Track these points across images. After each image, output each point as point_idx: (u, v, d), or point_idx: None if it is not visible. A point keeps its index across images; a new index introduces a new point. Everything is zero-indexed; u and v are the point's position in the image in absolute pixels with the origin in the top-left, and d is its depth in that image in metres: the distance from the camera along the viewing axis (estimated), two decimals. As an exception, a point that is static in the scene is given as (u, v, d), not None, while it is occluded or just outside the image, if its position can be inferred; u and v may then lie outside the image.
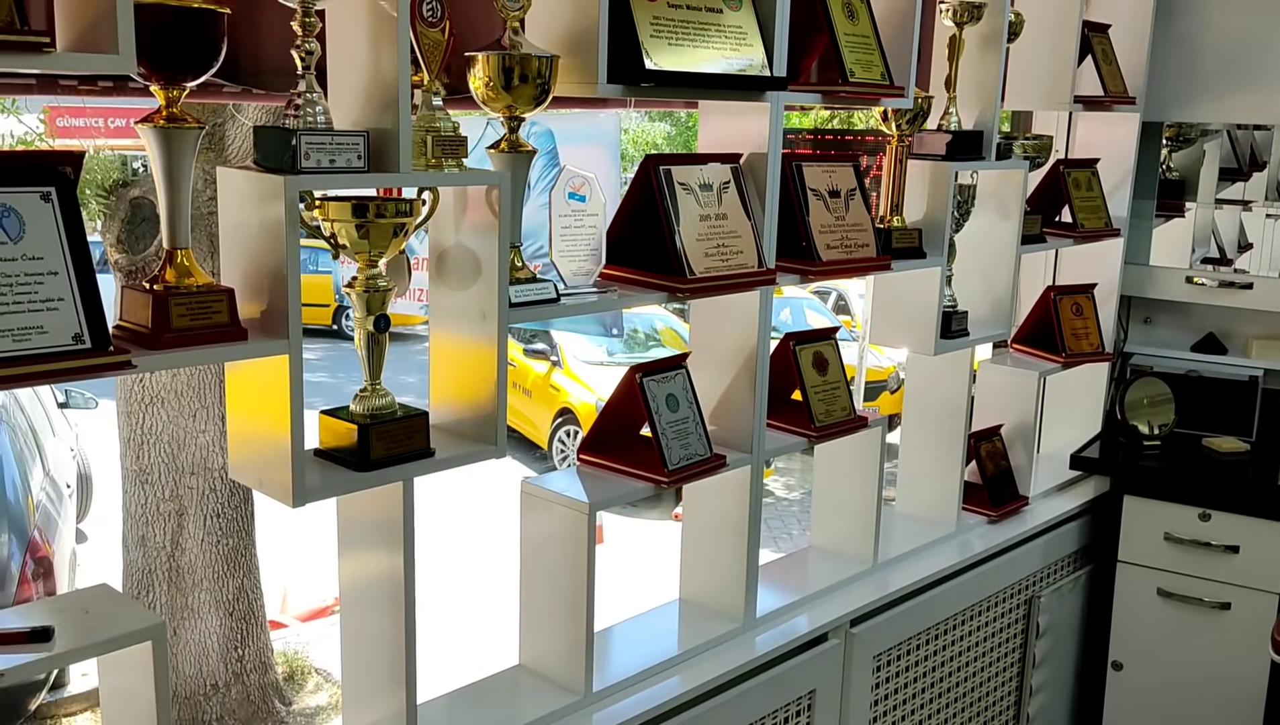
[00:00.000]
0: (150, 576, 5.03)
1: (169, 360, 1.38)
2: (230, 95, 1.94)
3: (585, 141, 6.23)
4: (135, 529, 5.03)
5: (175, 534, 4.99)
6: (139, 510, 4.99)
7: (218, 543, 5.02)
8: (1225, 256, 3.73)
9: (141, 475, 4.94)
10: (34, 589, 4.86)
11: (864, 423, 2.41)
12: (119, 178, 4.61)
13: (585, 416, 9.45)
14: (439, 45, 1.64)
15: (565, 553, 1.93)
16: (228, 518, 4.97)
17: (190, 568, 5.02)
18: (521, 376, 10.25)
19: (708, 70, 1.91)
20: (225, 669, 5.15)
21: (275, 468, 1.53)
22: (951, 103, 2.59)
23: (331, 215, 1.56)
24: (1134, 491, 3.03)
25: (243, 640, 5.18)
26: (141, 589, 5.05)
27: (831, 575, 2.49)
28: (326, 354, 13.20)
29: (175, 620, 5.06)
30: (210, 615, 5.09)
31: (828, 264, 2.23)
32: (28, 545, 4.91)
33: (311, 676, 5.89)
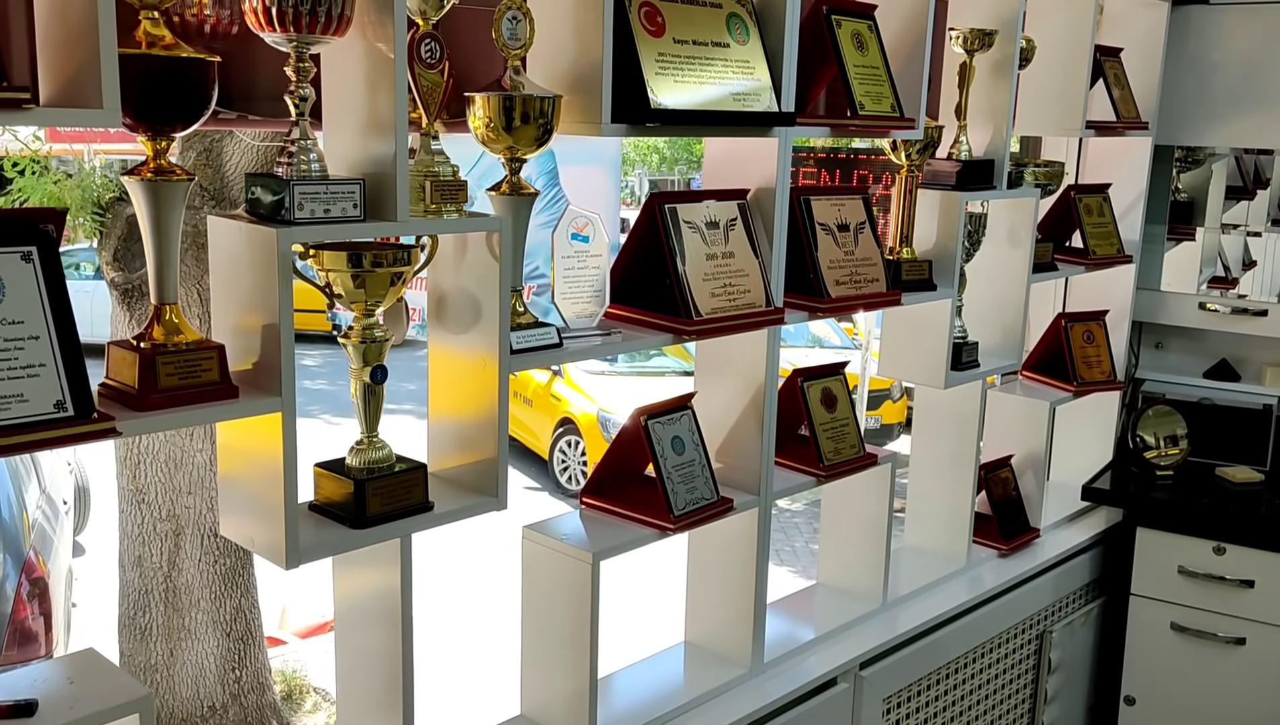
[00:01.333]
0: (147, 597, 4.97)
1: (156, 423, 1.32)
2: (223, 122, 1.88)
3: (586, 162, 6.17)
4: (132, 549, 4.97)
5: (172, 554, 4.93)
6: (135, 530, 4.93)
7: (215, 562, 4.96)
8: (1230, 275, 3.69)
9: (138, 495, 4.88)
10: (28, 610, 4.80)
11: (873, 460, 2.36)
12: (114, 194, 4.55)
13: (586, 426, 9.39)
14: (437, 87, 1.59)
15: (568, 602, 1.88)
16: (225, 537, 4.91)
17: (187, 588, 4.96)
18: (522, 385, 10.18)
19: (714, 108, 1.86)
20: (223, 690, 5.09)
21: (268, 527, 1.48)
22: (962, 131, 2.54)
23: (326, 265, 1.51)
24: (1147, 524, 2.97)
25: (240, 661, 5.12)
26: (138, 609, 4.99)
27: (840, 615, 2.43)
28: (327, 361, 13.14)
29: (172, 641, 5.00)
30: (207, 636, 5.02)
31: (837, 301, 2.17)
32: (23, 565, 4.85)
33: (310, 695, 5.83)
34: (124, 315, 4.73)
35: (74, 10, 1.22)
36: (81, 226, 4.62)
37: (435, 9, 1.56)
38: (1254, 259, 3.65)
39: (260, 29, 1.38)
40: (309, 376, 12.46)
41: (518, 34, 1.67)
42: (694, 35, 1.85)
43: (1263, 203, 3.59)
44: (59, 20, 1.24)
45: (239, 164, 4.52)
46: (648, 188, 25.95)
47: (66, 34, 1.23)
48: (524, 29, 1.67)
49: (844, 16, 2.14)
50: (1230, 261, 3.73)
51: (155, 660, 5.03)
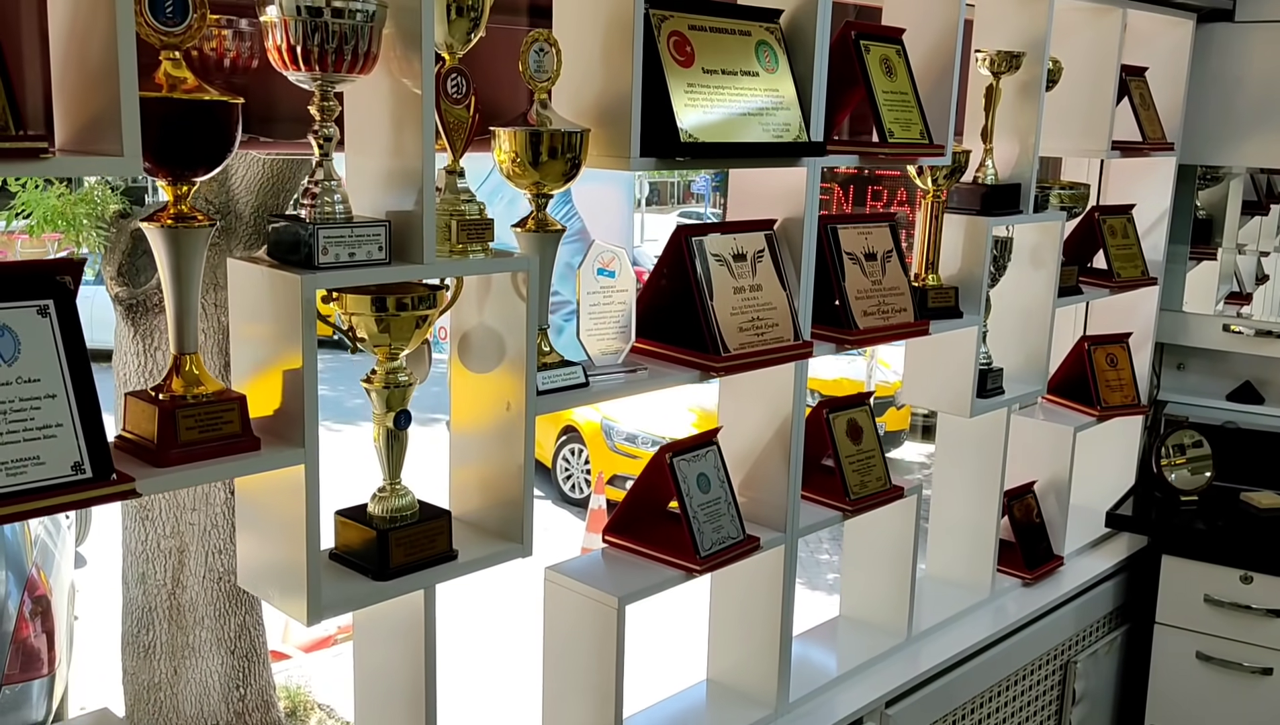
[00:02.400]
0: (150, 614, 4.91)
1: (176, 479, 1.27)
2: (242, 145, 1.83)
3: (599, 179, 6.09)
4: (135, 566, 4.91)
5: (176, 571, 4.88)
6: (139, 547, 4.87)
7: (219, 579, 4.91)
8: (1244, 291, 3.65)
9: (142, 511, 4.83)
10: (31, 628, 4.75)
11: (899, 493, 2.31)
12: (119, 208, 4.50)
13: (589, 435, 9.34)
14: (463, 123, 1.53)
15: (592, 647, 1.83)
16: (230, 554, 4.85)
17: (191, 605, 4.90)
18: (525, 394, 10.11)
19: (744, 140, 1.81)
20: (227, 708, 5.03)
21: (288, 582, 1.42)
22: (988, 155, 2.49)
23: (349, 308, 1.46)
24: (1173, 551, 2.92)
25: (244, 679, 5.06)
26: (141, 627, 4.94)
27: (864, 651, 2.38)
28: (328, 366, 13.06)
29: (176, 659, 4.94)
30: (211, 654, 4.97)
31: (865, 332, 2.12)
32: (25, 583, 4.80)
33: (314, 712, 5.77)
34: (128, 330, 4.68)
35: (92, 52, 1.17)
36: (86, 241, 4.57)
37: (462, 43, 1.51)
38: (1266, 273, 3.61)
39: (284, 68, 1.33)
40: (310, 382, 12.37)
41: (544, 66, 1.62)
42: (723, 64, 1.80)
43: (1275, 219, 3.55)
44: (76, 63, 1.19)
45: (245, 177, 4.47)
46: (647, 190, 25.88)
47: (84, 78, 1.18)
48: (551, 61, 1.62)
49: (872, 41, 2.09)
50: (1244, 276, 3.69)
51: (159, 678, 4.97)
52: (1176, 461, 3.10)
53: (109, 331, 4.77)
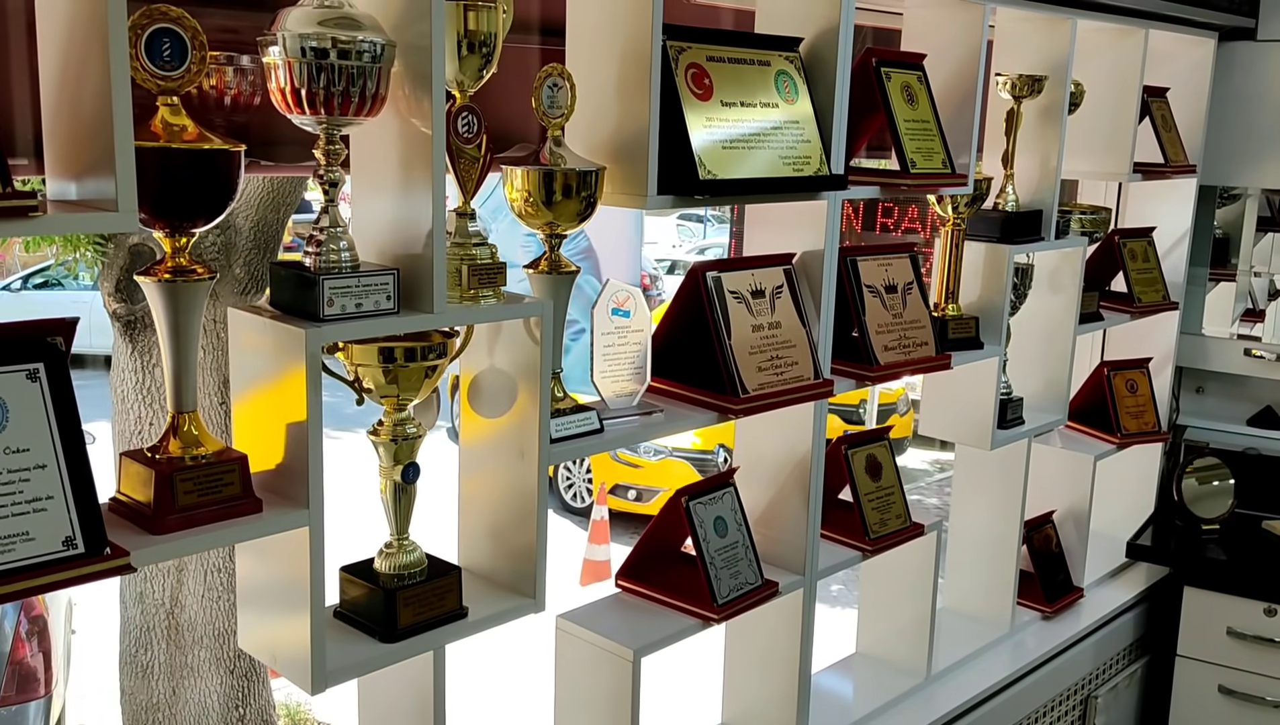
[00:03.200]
0: (149, 634, 4.85)
1: (174, 549, 1.20)
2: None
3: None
4: (133, 585, 4.84)
5: (175, 589, 4.81)
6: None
7: (219, 598, 4.84)
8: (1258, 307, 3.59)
9: (140, 529, 4.76)
10: (28, 648, 4.68)
11: (920, 530, 2.24)
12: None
13: (592, 445, 9.26)
14: (475, 163, 1.47)
15: (607, 700, 1.76)
16: (228, 573, 4.78)
17: (190, 624, 4.84)
18: (527, 402, 10.06)
19: (764, 175, 1.74)
20: (226, 729, 4.97)
21: (292, 647, 1.36)
22: (1009, 180, 2.42)
23: (356, 360, 1.39)
24: (1195, 583, 2.85)
25: (244, 699, 5.00)
26: (139, 647, 4.87)
27: (882, 692, 2.31)
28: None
29: (175, 679, 4.87)
30: (210, 674, 4.90)
31: (886, 367, 2.06)
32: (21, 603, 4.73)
33: (315, 731, 5.70)
34: (126, 346, 4.61)
35: (85, 100, 1.10)
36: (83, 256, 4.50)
37: (473, 80, 1.45)
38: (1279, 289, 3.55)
39: (288, 111, 1.27)
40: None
41: (558, 101, 1.56)
42: (742, 96, 1.73)
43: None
44: (68, 113, 1.12)
45: (245, 193, 4.40)
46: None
47: (76, 128, 1.11)
48: (565, 96, 1.56)
49: (893, 68, 2.03)
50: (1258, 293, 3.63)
51: (157, 699, 4.91)
52: (1197, 489, 3.03)
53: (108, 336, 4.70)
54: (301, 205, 4.87)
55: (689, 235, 21.02)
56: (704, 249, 17.68)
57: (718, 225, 22.06)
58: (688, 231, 21.79)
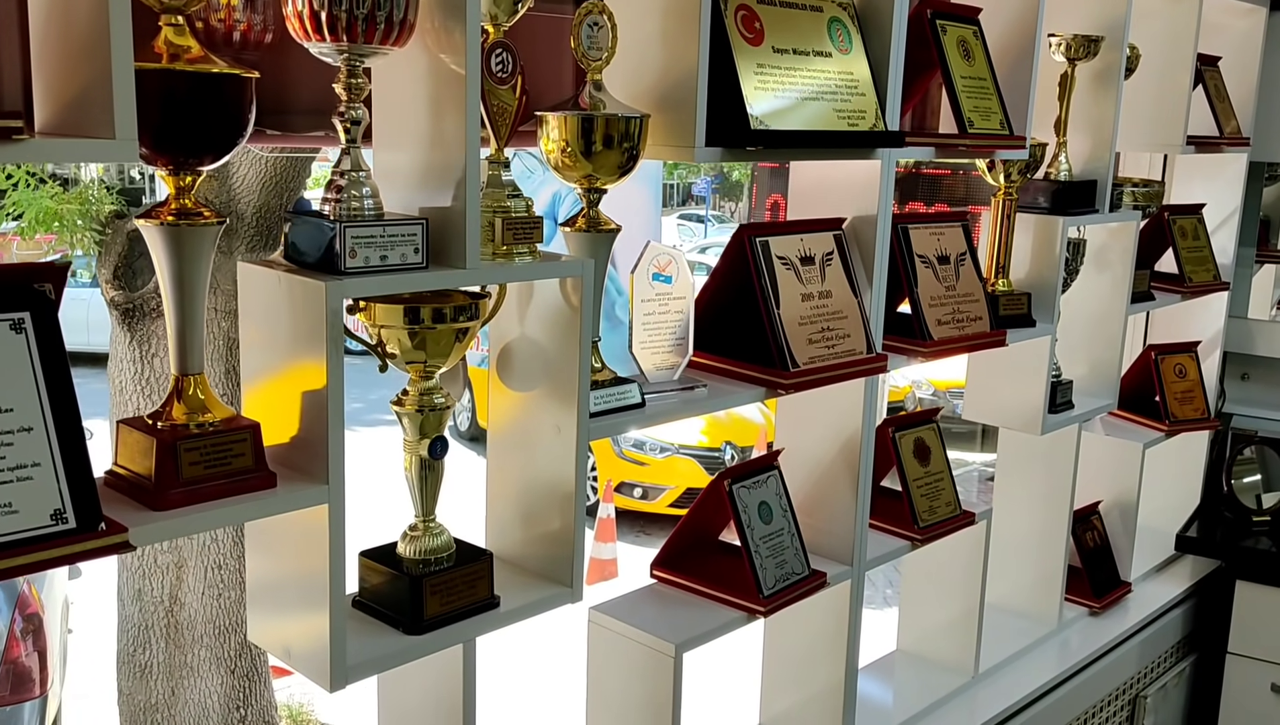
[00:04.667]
0: (147, 632, 4.70)
1: (177, 526, 1.06)
2: (254, 138, 1.62)
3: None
4: (131, 582, 4.70)
5: (174, 587, 4.67)
6: (135, 562, 4.66)
7: (219, 596, 4.69)
8: None
9: (139, 524, 4.62)
10: (22, 648, 4.54)
11: (971, 519, 2.11)
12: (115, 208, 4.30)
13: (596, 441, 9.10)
14: (509, 107, 1.33)
15: (646, 699, 1.62)
16: (230, 569, 4.64)
17: (190, 623, 4.69)
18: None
19: (818, 128, 1.61)
20: (227, 731, 4.82)
21: (308, 641, 1.22)
22: (1061, 148, 2.29)
23: (379, 321, 1.25)
24: (1247, 576, 2.72)
25: (245, 699, 4.85)
26: (138, 646, 4.73)
27: (927, 692, 2.17)
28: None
29: (174, 679, 4.73)
30: (210, 673, 4.76)
31: (940, 343, 1.92)
32: (16, 601, 4.59)
33: (317, 732, 5.56)
34: (124, 335, 4.47)
35: (79, 17, 0.96)
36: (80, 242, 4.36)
37: (508, 13, 1.31)
38: None
39: (305, 38, 1.13)
40: (311, 387, 12.16)
41: (599, 42, 1.42)
42: (794, 44, 1.60)
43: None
44: (60, 30, 0.98)
45: (247, 176, 4.26)
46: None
47: (69, 46, 0.97)
48: (606, 36, 1.42)
49: (949, 21, 1.89)
50: None
51: (156, 699, 4.76)
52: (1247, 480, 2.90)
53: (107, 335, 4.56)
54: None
55: (690, 235, 20.89)
56: (705, 247, 17.53)
57: (718, 225, 21.92)
58: (689, 231, 21.67)
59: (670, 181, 27.53)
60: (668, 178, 26.42)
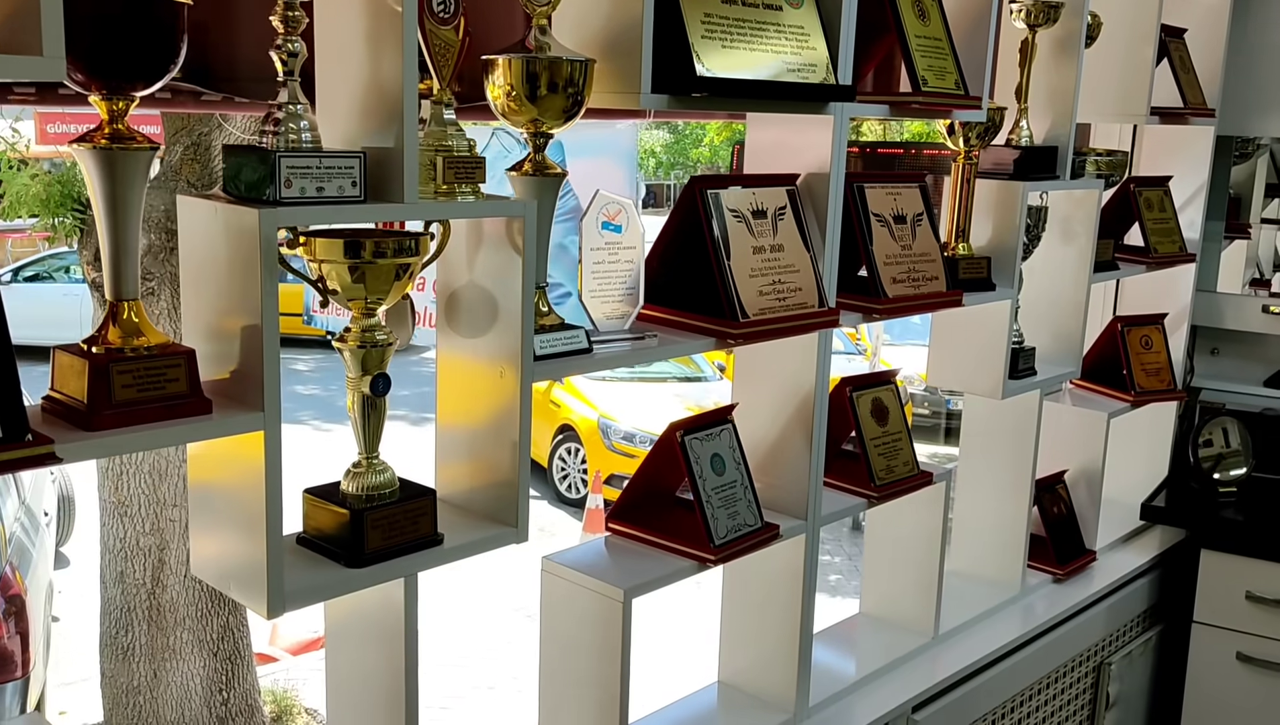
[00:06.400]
0: (129, 615, 4.71)
1: (108, 445, 1.08)
2: (206, 105, 1.65)
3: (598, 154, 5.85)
4: (114, 564, 4.71)
5: (156, 570, 4.68)
6: (117, 544, 4.67)
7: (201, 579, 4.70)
8: (1264, 276, 3.49)
9: (120, 508, 4.63)
10: (4, 629, 4.54)
11: (928, 479, 2.12)
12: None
13: (586, 433, 9.14)
14: (451, 47, 1.35)
15: (595, 645, 1.64)
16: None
17: (172, 605, 4.70)
18: (521, 392, 9.93)
19: (766, 77, 1.62)
20: (209, 713, 4.83)
21: (246, 568, 1.23)
22: (1022, 115, 2.31)
23: (319, 255, 1.27)
24: (1212, 545, 2.73)
25: (228, 681, 4.86)
26: (120, 628, 4.74)
27: (887, 651, 2.19)
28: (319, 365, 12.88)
29: (156, 661, 4.74)
30: (193, 656, 4.77)
31: (895, 301, 1.93)
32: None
33: (300, 716, 5.57)
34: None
35: (5, -67, 0.98)
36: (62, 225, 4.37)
37: (449, -47, 1.32)
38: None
39: (240, -34, 1.14)
40: (300, 381, 12.21)
41: (543, -13, 1.43)
42: (742, -5, 1.61)
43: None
44: (-14, -56, 0.99)
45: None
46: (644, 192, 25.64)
47: (-5, -38, 0.99)
48: (551, -19, 1.44)
49: (903, -19, 1.90)
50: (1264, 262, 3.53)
51: (138, 681, 4.77)
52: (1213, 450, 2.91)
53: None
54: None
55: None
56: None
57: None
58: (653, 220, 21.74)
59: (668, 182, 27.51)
60: (665, 178, 26.41)
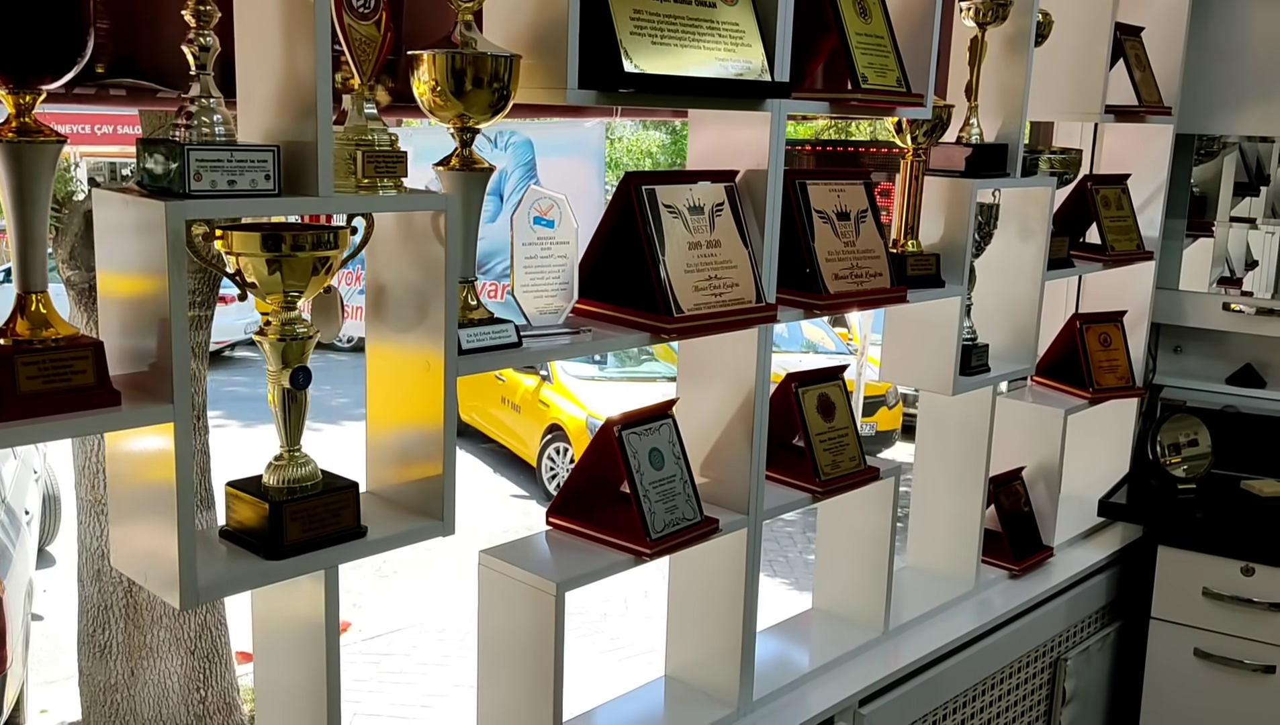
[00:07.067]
0: (106, 613, 4.72)
1: (11, 436, 1.09)
2: (163, 101, 1.65)
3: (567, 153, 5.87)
4: (91, 563, 4.72)
5: (133, 567, 4.67)
6: (94, 543, 4.68)
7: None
8: (1235, 275, 3.49)
9: (97, 505, 4.64)
10: (-20, 628, 4.55)
11: (875, 474, 2.13)
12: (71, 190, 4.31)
13: (575, 433, 9.14)
14: (372, 42, 1.35)
15: (530, 637, 1.65)
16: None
17: (149, 604, 4.71)
18: (511, 391, 9.95)
19: (698, 74, 1.63)
20: (186, 711, 4.84)
21: (161, 560, 1.24)
22: (973, 112, 2.32)
23: (236, 247, 1.28)
24: (1169, 542, 2.74)
25: (205, 680, 4.87)
26: (97, 626, 4.74)
27: (837, 646, 2.20)
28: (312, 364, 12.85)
29: (133, 660, 4.75)
30: (170, 654, 4.78)
31: (836, 296, 1.94)
32: (-24, 582, 4.60)
33: (281, 714, 5.57)
34: (82, 316, 4.49)
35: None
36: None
37: (367, -51, 1.33)
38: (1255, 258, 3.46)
39: (147, -39, 1.15)
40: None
41: (469, -16, 1.44)
42: (674, -8, 1.62)
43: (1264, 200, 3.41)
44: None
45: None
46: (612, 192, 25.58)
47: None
48: (476, -23, 1.45)
49: (844, -21, 1.91)
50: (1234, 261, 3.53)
51: (115, 679, 4.78)
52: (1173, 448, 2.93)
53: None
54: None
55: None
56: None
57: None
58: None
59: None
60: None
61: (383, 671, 6.00)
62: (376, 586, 7.05)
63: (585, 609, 6.54)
